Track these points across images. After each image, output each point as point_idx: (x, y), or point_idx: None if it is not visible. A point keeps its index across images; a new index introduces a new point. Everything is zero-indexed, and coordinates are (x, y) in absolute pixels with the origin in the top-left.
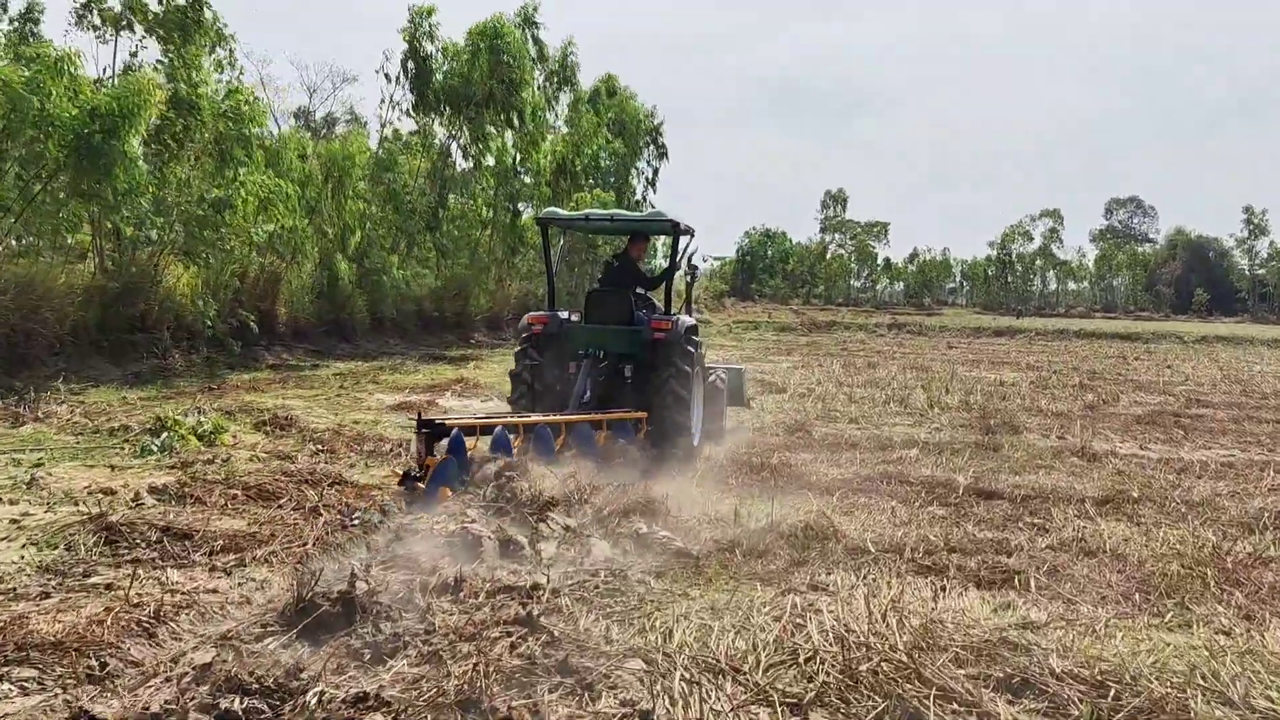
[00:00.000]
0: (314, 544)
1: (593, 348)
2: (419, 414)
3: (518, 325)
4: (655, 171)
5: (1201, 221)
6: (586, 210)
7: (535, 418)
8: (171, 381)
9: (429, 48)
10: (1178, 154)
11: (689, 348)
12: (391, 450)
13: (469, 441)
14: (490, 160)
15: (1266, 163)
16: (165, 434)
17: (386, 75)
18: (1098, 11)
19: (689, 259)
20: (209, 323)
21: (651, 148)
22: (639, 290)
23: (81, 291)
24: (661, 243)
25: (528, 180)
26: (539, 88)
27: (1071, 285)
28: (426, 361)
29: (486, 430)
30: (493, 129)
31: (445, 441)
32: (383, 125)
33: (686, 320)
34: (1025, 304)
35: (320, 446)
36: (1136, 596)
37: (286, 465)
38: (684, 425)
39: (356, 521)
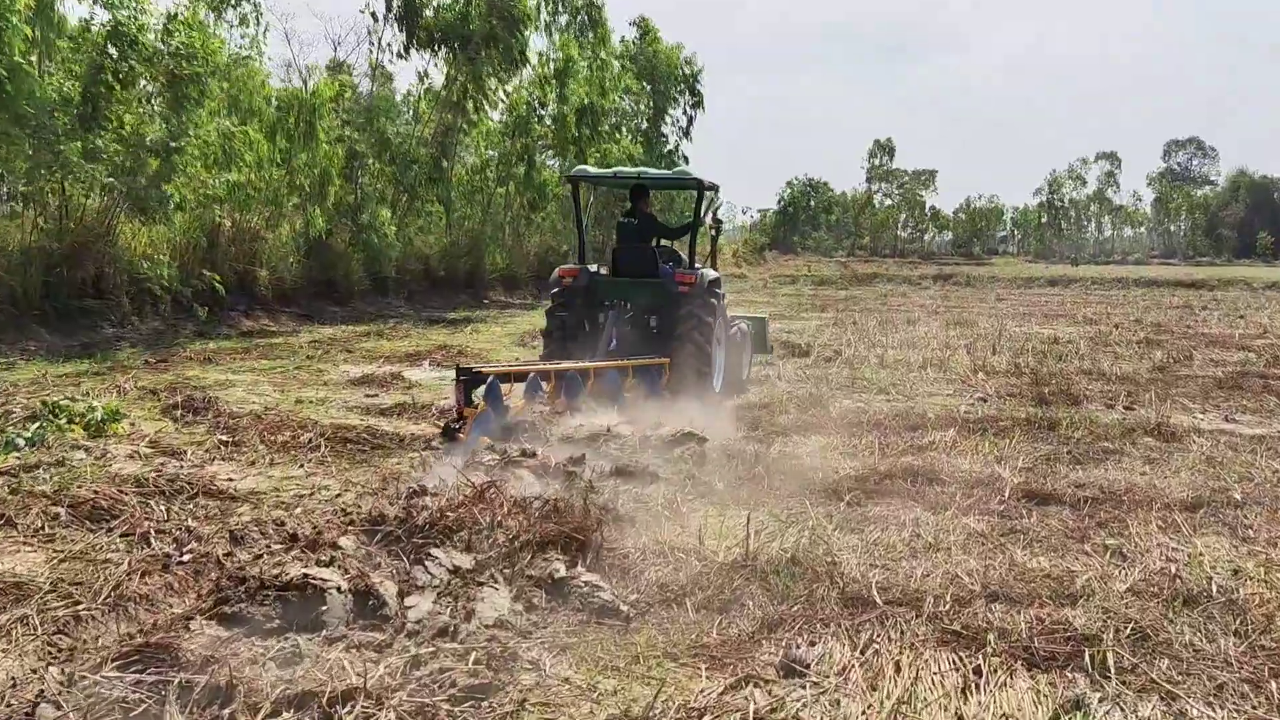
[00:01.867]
0: (105, 598)
1: (619, 299)
2: (457, 365)
3: (549, 280)
4: (690, 121)
5: (1265, 161)
6: (615, 168)
7: (566, 365)
8: (115, 354)
9: None
10: (1240, 91)
11: (711, 300)
12: (310, 442)
13: (504, 388)
14: (498, 108)
15: None
16: (38, 424)
17: (374, 14)
18: None
19: (714, 214)
20: (165, 285)
21: (688, 95)
22: (663, 242)
23: (17, 254)
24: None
25: (543, 126)
26: (560, 28)
27: (1128, 231)
28: (423, 325)
29: (521, 378)
30: (490, 72)
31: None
32: (373, 69)
33: (710, 274)
34: (1079, 251)
35: (229, 437)
36: (1272, 685)
37: (164, 466)
38: (705, 374)
39: (187, 558)
